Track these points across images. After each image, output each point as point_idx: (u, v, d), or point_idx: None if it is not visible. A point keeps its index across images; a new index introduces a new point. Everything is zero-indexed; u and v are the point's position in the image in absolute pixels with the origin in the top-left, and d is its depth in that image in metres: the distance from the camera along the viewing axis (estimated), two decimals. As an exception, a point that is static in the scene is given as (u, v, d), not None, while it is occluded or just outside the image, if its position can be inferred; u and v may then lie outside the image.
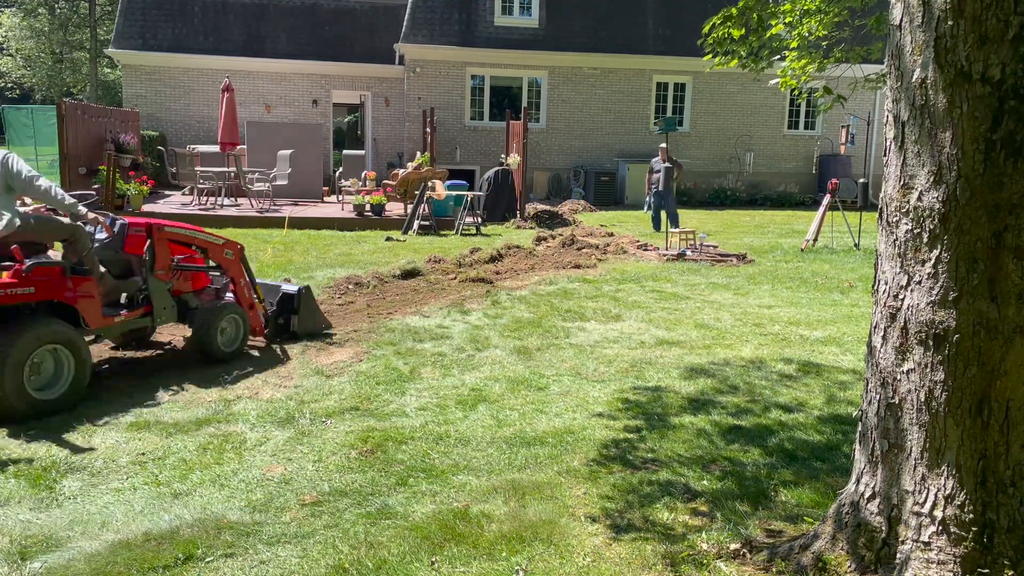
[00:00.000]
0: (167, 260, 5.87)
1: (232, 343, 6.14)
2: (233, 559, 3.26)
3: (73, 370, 4.97)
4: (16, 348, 4.62)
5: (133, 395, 5.27)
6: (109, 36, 29.88)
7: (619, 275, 10.26)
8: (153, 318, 5.80)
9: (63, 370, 4.95)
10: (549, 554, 3.32)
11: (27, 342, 4.68)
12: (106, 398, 5.21)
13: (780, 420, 4.97)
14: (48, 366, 4.90)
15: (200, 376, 5.69)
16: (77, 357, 4.98)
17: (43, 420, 4.72)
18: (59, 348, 4.90)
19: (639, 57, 21.18)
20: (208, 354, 5.98)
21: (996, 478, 2.60)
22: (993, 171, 2.47)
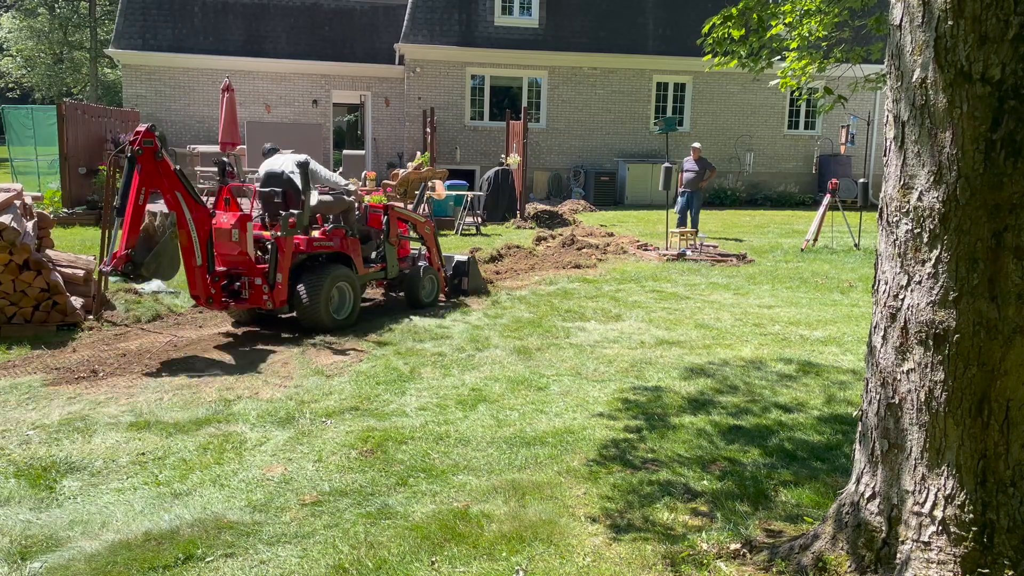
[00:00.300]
0: (396, 231, 8.17)
1: (430, 295, 8.25)
2: (233, 559, 3.26)
3: (352, 298, 7.28)
4: (326, 280, 6.91)
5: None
6: (109, 36, 29.88)
7: (619, 275, 10.25)
8: (387, 272, 7.99)
9: (347, 298, 7.24)
10: (549, 554, 3.32)
11: (329, 277, 6.97)
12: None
13: (780, 420, 4.97)
14: (336, 295, 7.11)
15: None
16: (355, 292, 7.30)
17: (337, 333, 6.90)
18: (345, 283, 7.18)
19: (639, 57, 21.18)
20: (414, 302, 8.08)
21: (996, 478, 2.60)
22: (993, 171, 2.47)
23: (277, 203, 7.15)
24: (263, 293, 6.68)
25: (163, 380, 5.62)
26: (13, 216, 6.77)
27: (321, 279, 6.91)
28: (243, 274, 6.73)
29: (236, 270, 6.74)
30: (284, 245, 6.74)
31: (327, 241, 7.24)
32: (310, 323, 6.92)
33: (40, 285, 6.68)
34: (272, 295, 6.68)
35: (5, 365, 5.88)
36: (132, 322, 7.18)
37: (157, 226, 6.29)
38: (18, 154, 16.34)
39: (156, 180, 6.26)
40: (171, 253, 6.30)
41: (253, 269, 6.71)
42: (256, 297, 6.71)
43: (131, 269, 6.08)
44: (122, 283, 8.42)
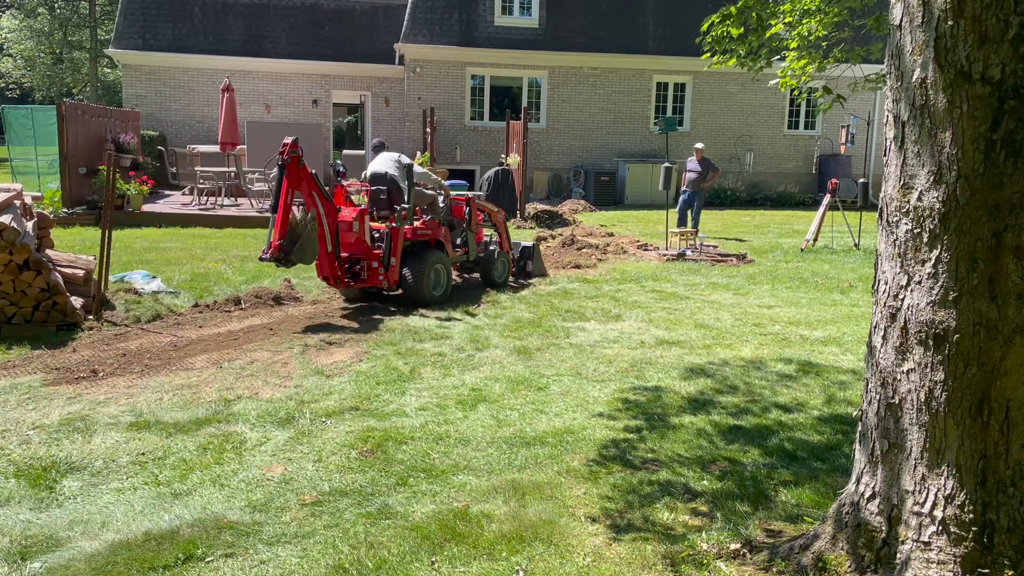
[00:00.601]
0: (476, 220, 9.54)
1: (502, 275, 9.51)
2: (233, 559, 3.26)
3: (446, 279, 8.53)
4: (427, 263, 8.16)
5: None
6: (109, 36, 29.89)
7: (619, 275, 10.26)
8: (468, 255, 9.29)
9: (442, 278, 8.46)
10: (549, 554, 3.32)
11: (430, 261, 8.23)
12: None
13: (780, 420, 4.97)
14: (433, 276, 8.31)
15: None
16: (448, 272, 8.58)
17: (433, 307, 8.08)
18: (440, 265, 8.42)
19: (639, 57, 21.18)
20: (489, 282, 9.40)
21: (996, 478, 2.60)
22: (993, 171, 2.47)
23: (383, 199, 8.50)
24: (379, 274, 7.96)
25: (163, 380, 5.62)
26: (13, 216, 6.77)
27: (423, 262, 8.17)
28: (361, 259, 8.02)
29: (355, 255, 8.03)
30: (397, 234, 8.07)
31: (426, 230, 8.53)
32: (415, 299, 8.14)
33: (40, 285, 6.68)
34: (387, 275, 7.98)
35: (5, 365, 5.88)
36: (132, 322, 7.18)
37: (299, 220, 7.38)
38: (18, 154, 16.33)
39: (299, 183, 7.37)
40: (312, 242, 7.44)
41: (370, 254, 8.02)
42: (373, 277, 7.99)
43: (283, 256, 7.22)
44: (121, 284, 8.42)
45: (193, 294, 8.36)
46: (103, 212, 7.79)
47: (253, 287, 8.54)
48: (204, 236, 12.91)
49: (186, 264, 10.17)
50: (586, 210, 18.00)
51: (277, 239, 7.18)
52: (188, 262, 10.32)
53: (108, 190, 7.54)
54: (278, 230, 7.21)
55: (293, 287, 8.73)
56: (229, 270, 9.80)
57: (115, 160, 8.11)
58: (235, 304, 7.96)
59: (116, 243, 8.11)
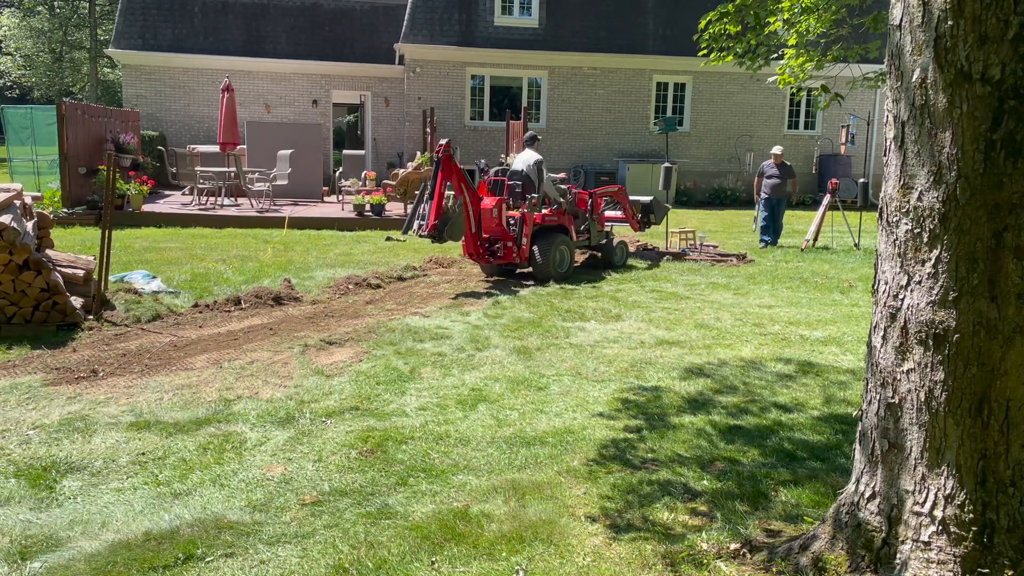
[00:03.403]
0: (597, 209, 10.97)
1: (621, 259, 11.01)
2: (233, 559, 3.26)
3: (569, 258, 10.00)
4: (553, 245, 9.69)
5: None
6: (109, 36, 29.88)
7: (619, 275, 10.26)
8: (590, 240, 10.77)
9: (566, 258, 9.95)
10: (549, 554, 3.32)
11: (555, 242, 9.76)
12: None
13: (779, 420, 4.97)
14: (558, 255, 9.80)
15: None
16: (571, 252, 10.07)
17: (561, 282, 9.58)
18: (564, 247, 9.90)
19: (639, 57, 21.18)
20: (609, 264, 10.86)
21: (996, 478, 2.60)
22: (993, 171, 2.47)
23: (518, 191, 10.00)
24: (513, 252, 9.60)
25: (163, 380, 5.62)
26: (13, 216, 6.76)
27: (550, 243, 9.65)
28: (499, 239, 9.68)
29: (495, 236, 9.66)
30: (528, 219, 9.65)
31: (552, 217, 10.05)
32: (542, 275, 9.60)
33: (40, 285, 6.68)
34: (519, 253, 9.59)
35: (5, 365, 5.88)
36: (132, 322, 7.18)
37: (450, 207, 8.96)
38: (17, 154, 16.32)
39: (450, 175, 8.92)
40: (460, 224, 9.05)
41: (507, 235, 9.64)
42: (508, 255, 9.65)
43: (436, 235, 8.83)
44: (121, 284, 8.42)
45: (193, 294, 8.36)
46: (103, 212, 7.79)
47: (253, 287, 8.54)
48: (204, 236, 12.91)
49: (186, 264, 10.17)
50: (586, 210, 17.97)
51: (433, 219, 8.75)
52: (188, 262, 10.32)
53: (108, 190, 7.54)
54: (434, 213, 8.77)
55: (293, 287, 8.73)
56: (229, 270, 9.80)
57: (115, 160, 8.12)
58: (235, 304, 7.96)
59: (116, 243, 8.11)
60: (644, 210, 12.02)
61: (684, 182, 21.25)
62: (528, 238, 9.60)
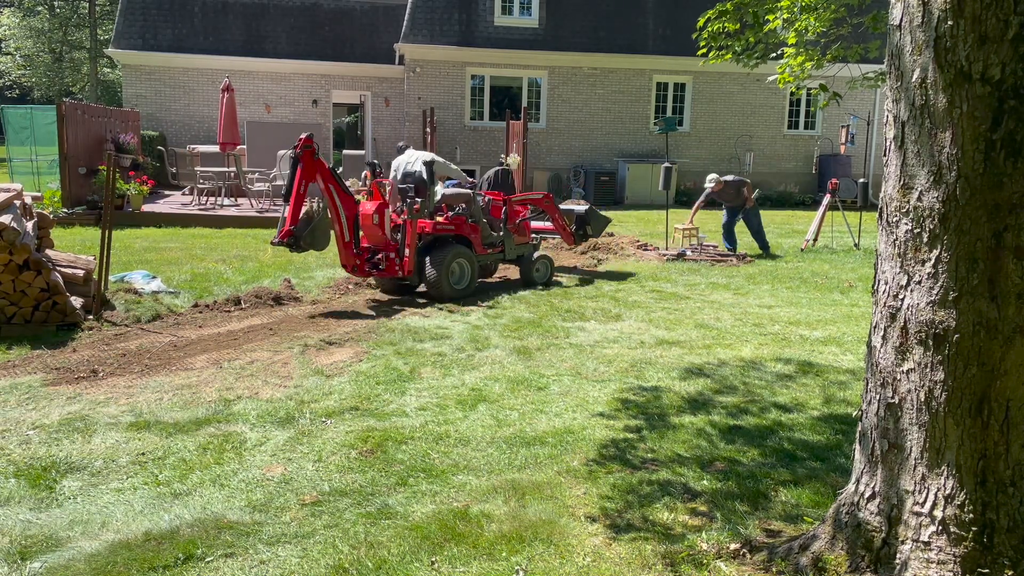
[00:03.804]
0: (514, 220, 9.68)
1: (544, 276, 9.62)
2: (233, 559, 3.26)
3: (469, 274, 8.79)
4: (447, 257, 8.46)
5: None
6: (109, 36, 29.88)
7: (619, 275, 10.26)
8: (505, 254, 9.49)
9: (465, 273, 8.75)
10: (549, 554, 3.32)
11: (451, 254, 8.52)
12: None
13: (779, 420, 4.97)
14: (457, 269, 8.64)
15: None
16: (472, 267, 8.81)
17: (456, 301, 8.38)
18: (463, 260, 8.70)
19: (639, 57, 21.18)
20: (528, 282, 9.52)
21: (996, 478, 2.60)
22: (993, 171, 2.47)
23: (411, 196, 8.76)
24: (395, 265, 8.47)
25: (163, 380, 5.62)
26: (13, 216, 6.76)
27: (444, 256, 8.48)
28: (382, 250, 8.58)
29: (377, 247, 8.60)
30: (410, 226, 8.46)
31: (448, 225, 8.86)
32: (435, 292, 8.48)
33: (40, 285, 6.68)
34: (402, 265, 8.43)
35: (5, 365, 5.88)
36: (132, 322, 7.18)
37: (315, 210, 7.95)
38: (17, 154, 16.32)
39: (312, 175, 7.89)
40: (323, 229, 8.03)
41: (389, 246, 8.58)
42: (391, 268, 8.51)
43: (293, 241, 7.79)
44: (121, 284, 8.42)
45: (193, 294, 8.36)
46: (103, 212, 7.79)
47: (253, 287, 8.55)
48: (204, 236, 12.91)
49: (186, 264, 10.17)
50: (586, 210, 17.96)
51: (289, 224, 7.74)
52: (188, 262, 10.32)
53: (108, 190, 7.54)
54: (290, 216, 7.76)
55: (293, 287, 8.73)
56: (229, 270, 9.80)
57: (115, 160, 8.12)
58: (235, 304, 7.96)
59: (116, 243, 8.11)
60: (579, 221, 10.66)
61: (684, 182, 21.24)
62: (411, 249, 8.41)
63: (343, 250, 8.20)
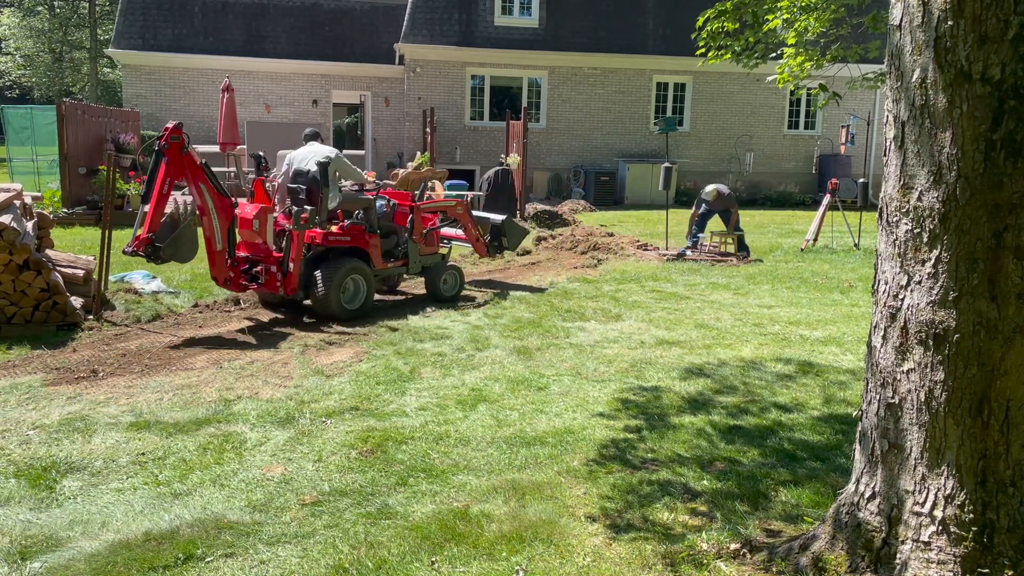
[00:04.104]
0: (420, 229, 8.65)
1: (452, 289, 8.64)
2: (233, 559, 3.26)
3: (364, 290, 7.70)
4: (339, 272, 7.39)
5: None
6: (109, 36, 29.87)
7: (619, 275, 10.25)
8: (408, 268, 8.50)
9: (360, 290, 7.66)
10: (549, 554, 3.32)
11: (343, 269, 7.44)
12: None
13: (779, 420, 4.97)
14: (351, 286, 7.59)
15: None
16: (369, 284, 7.73)
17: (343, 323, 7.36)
18: (357, 275, 7.63)
19: (639, 57, 21.18)
20: (436, 296, 8.51)
21: (996, 478, 2.60)
22: (993, 171, 2.47)
23: (302, 198, 7.74)
24: (276, 279, 7.28)
25: (163, 380, 5.62)
26: (13, 216, 6.76)
27: (335, 271, 7.41)
28: (261, 261, 7.39)
29: (256, 256, 7.42)
30: (296, 237, 7.27)
31: (343, 236, 7.76)
32: (322, 311, 7.44)
33: (40, 285, 6.68)
34: (284, 282, 7.27)
35: (5, 365, 5.88)
36: (132, 322, 7.18)
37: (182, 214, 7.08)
38: (17, 154, 16.32)
39: (181, 172, 6.82)
40: (190, 238, 6.90)
41: (270, 257, 7.35)
42: (270, 283, 7.34)
43: (151, 252, 6.66)
44: (121, 284, 8.42)
45: (193, 294, 8.36)
46: (103, 212, 7.78)
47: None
48: (204, 236, 12.88)
49: (186, 264, 10.15)
50: (586, 210, 17.99)
51: (145, 231, 6.61)
52: (188, 262, 10.31)
53: (108, 190, 7.54)
54: (148, 222, 6.66)
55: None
56: (229, 270, 9.79)
57: (115, 160, 8.12)
58: (235, 304, 7.96)
59: (116, 243, 8.11)
60: (494, 232, 9.68)
61: (684, 182, 21.24)
62: (296, 263, 7.26)
63: (214, 260, 7.03)
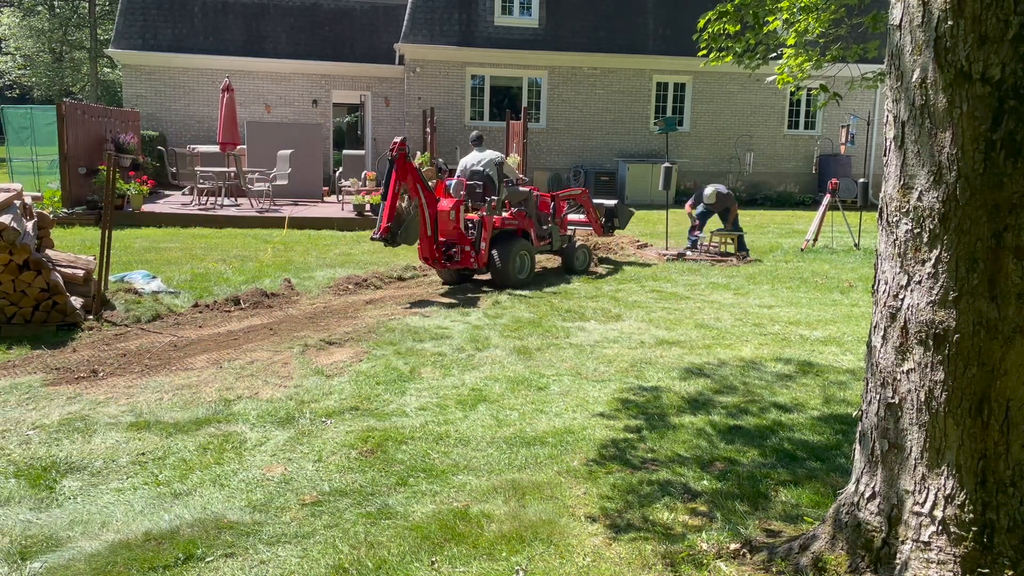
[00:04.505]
0: (560, 212, 10.72)
1: (583, 264, 10.62)
2: (233, 559, 3.26)
3: (530, 264, 9.61)
4: (513, 250, 9.26)
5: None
6: (109, 36, 29.87)
7: (619, 275, 10.26)
8: (552, 245, 10.40)
9: (526, 264, 9.53)
10: (549, 554, 3.32)
11: (516, 247, 9.34)
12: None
13: (779, 420, 4.97)
14: (518, 261, 9.38)
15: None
16: (531, 258, 9.65)
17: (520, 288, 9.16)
18: (524, 252, 9.50)
19: (639, 57, 21.18)
20: (570, 270, 10.52)
21: (996, 478, 2.60)
22: (993, 171, 2.47)
23: (479, 192, 9.51)
24: (471, 257, 9.05)
25: (163, 380, 5.62)
26: (13, 216, 6.76)
27: (510, 248, 9.20)
28: (456, 243, 9.09)
29: (452, 241, 9.10)
30: (487, 222, 9.14)
31: (513, 220, 9.61)
32: (502, 281, 9.19)
33: (40, 285, 6.68)
34: (477, 258, 9.06)
35: (5, 365, 5.88)
36: (132, 322, 7.18)
37: (405, 207, 8.55)
38: (17, 154, 16.32)
39: (405, 176, 8.46)
40: (415, 226, 8.61)
41: (464, 239, 9.09)
42: (465, 260, 9.09)
43: (390, 237, 8.45)
44: (121, 284, 8.43)
45: (193, 294, 8.36)
46: (103, 212, 7.79)
47: (253, 287, 8.54)
48: (204, 236, 12.91)
49: (186, 264, 10.17)
50: (586, 210, 17.97)
51: (386, 222, 8.35)
52: (188, 262, 10.32)
53: (108, 190, 7.53)
54: (387, 215, 8.34)
55: (293, 287, 8.73)
56: (229, 270, 9.80)
57: (115, 160, 8.12)
58: (235, 304, 7.96)
59: (116, 243, 8.12)
60: (608, 214, 11.77)
61: (684, 182, 21.24)
62: (487, 243, 9.13)
63: (427, 244, 8.85)
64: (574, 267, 10.42)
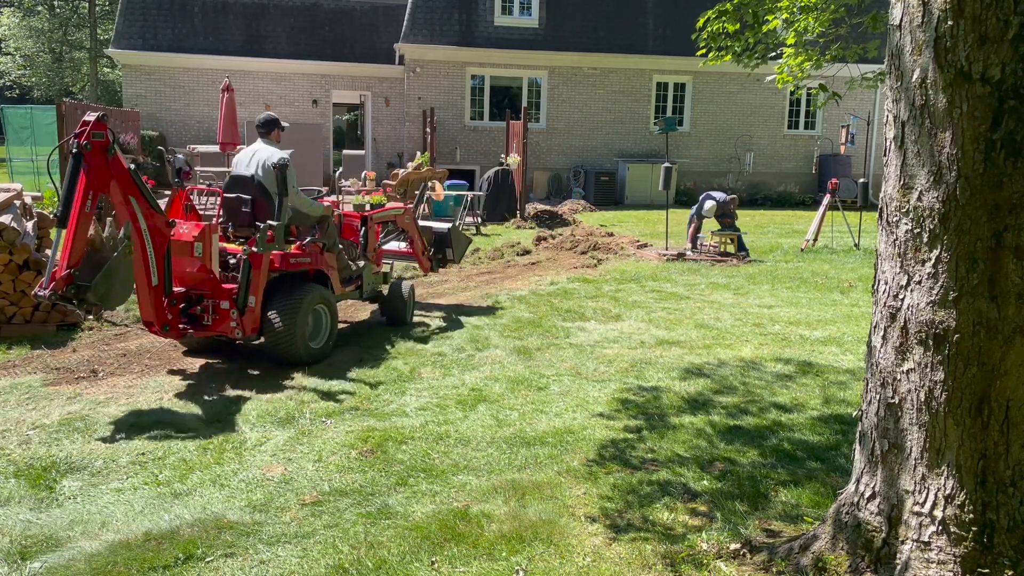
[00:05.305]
0: (374, 244, 7.32)
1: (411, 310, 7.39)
2: (233, 559, 3.26)
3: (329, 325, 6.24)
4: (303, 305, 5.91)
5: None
6: (109, 36, 29.87)
7: (619, 275, 10.25)
8: (361, 291, 7.07)
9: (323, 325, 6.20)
10: (549, 554, 3.32)
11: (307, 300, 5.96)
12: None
13: (779, 420, 4.97)
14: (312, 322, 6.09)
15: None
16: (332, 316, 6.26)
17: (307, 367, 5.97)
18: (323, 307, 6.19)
19: (639, 57, 21.17)
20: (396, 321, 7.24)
21: (996, 478, 2.60)
22: (993, 171, 2.47)
23: (245, 212, 6.11)
24: (230, 318, 5.59)
25: (163, 380, 5.62)
26: (13, 216, 6.77)
27: (296, 302, 5.81)
28: (206, 296, 5.64)
29: (196, 291, 5.65)
30: (259, 262, 5.61)
31: (304, 257, 6.07)
32: (282, 354, 5.83)
33: (40, 285, 6.67)
34: (242, 321, 5.60)
35: (5, 365, 5.88)
36: (132, 322, 7.18)
37: (105, 238, 4.96)
38: (17, 154, 16.32)
39: (106, 183, 4.91)
40: (125, 273, 4.95)
41: (219, 290, 5.62)
42: (222, 322, 5.61)
43: (74, 293, 4.73)
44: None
45: (193, 294, 8.34)
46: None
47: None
48: (204, 236, 12.88)
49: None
50: (586, 210, 17.99)
51: (64, 266, 4.72)
52: (188, 262, 10.30)
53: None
54: (67, 253, 4.72)
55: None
56: (229, 270, 9.78)
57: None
58: (235, 304, 7.89)
59: (116, 243, 8.14)
60: (438, 242, 8.34)
61: (684, 182, 21.24)
62: (258, 295, 5.66)
63: (147, 299, 5.25)
64: (400, 317, 7.19)
